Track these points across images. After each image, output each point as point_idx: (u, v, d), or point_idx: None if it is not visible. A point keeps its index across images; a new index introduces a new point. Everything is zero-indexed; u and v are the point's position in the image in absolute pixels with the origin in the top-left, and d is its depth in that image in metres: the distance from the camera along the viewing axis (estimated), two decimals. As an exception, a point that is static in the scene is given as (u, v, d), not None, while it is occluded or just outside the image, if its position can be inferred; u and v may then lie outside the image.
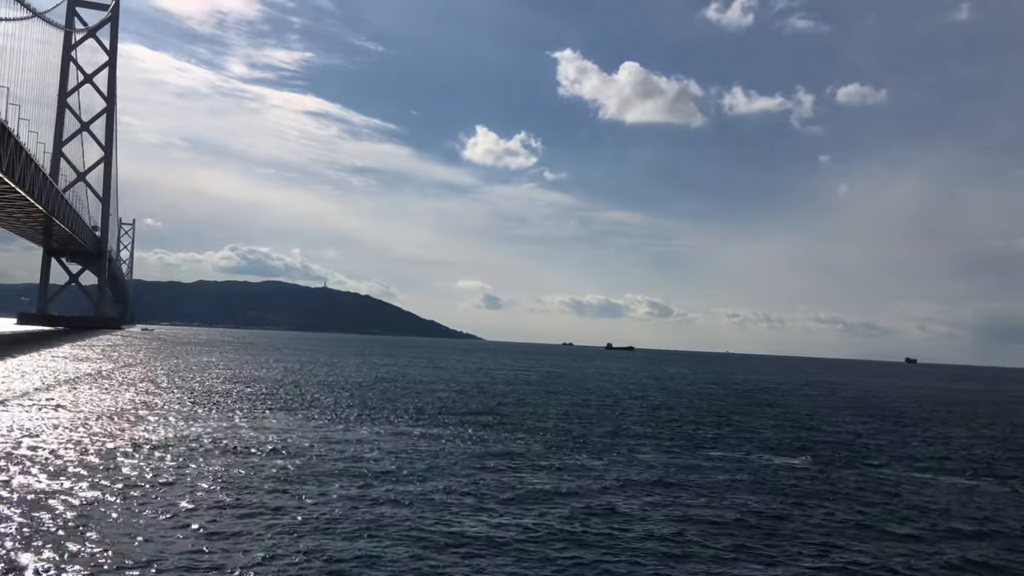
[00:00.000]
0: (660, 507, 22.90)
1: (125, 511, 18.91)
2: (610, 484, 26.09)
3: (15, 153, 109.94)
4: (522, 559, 16.88)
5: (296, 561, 15.71)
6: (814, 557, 18.48)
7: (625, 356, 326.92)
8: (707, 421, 50.32)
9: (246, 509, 19.75)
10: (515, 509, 21.49)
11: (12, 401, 40.88)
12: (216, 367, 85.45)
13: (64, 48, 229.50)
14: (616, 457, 32.24)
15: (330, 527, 18.37)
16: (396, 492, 22.72)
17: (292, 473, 24.85)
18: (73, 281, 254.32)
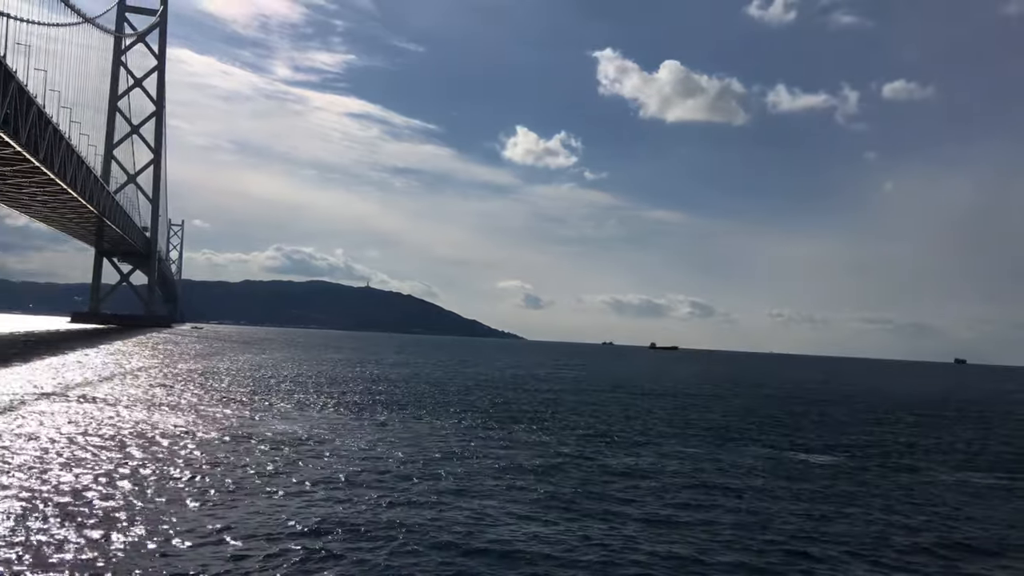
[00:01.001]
0: (693, 505, 22.85)
1: (157, 502, 19.44)
2: (644, 482, 26.07)
3: (67, 156, 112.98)
4: (551, 556, 17.02)
5: (324, 558, 16.01)
6: (850, 557, 18.33)
7: (669, 356, 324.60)
8: (745, 420, 49.85)
9: (278, 500, 20.17)
10: (546, 506, 21.63)
11: (66, 394, 42.11)
12: (263, 364, 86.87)
13: (114, 53, 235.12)
14: (655, 455, 32.16)
15: (367, 527, 18.68)
16: (431, 489, 23.02)
17: (323, 467, 25.26)
18: (124, 281, 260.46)
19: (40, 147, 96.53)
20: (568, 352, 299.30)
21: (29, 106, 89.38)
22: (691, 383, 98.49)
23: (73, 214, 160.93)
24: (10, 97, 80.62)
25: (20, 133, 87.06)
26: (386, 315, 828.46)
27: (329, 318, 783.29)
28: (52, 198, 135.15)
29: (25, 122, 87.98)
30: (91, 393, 44.40)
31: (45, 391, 43.90)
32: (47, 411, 35.06)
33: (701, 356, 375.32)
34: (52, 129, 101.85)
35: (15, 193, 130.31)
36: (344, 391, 55.90)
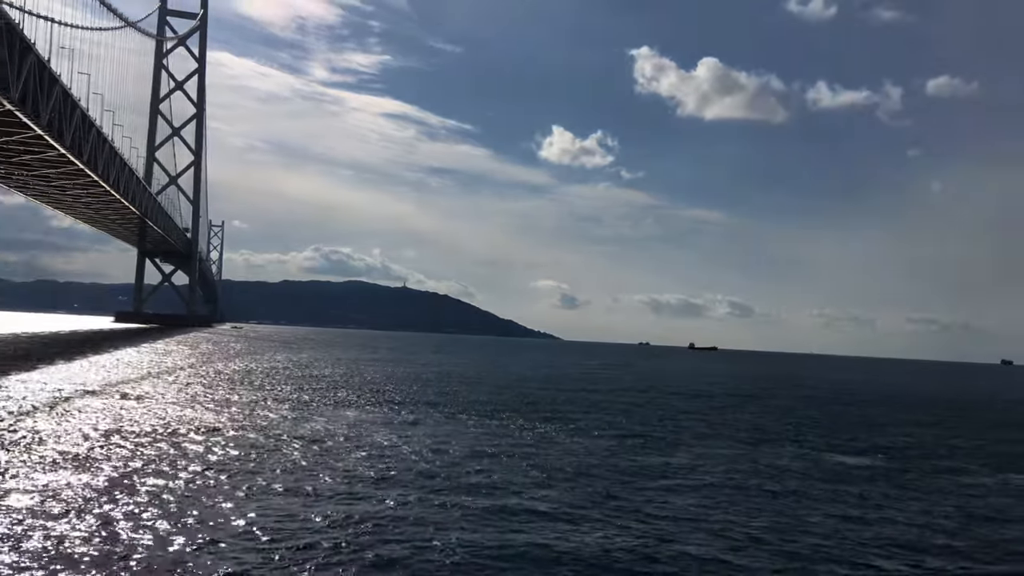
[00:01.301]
0: (728, 507, 22.53)
1: (190, 498, 19.63)
2: (678, 483, 25.79)
3: (110, 158, 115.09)
4: (582, 557, 16.86)
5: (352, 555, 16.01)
6: (887, 560, 17.91)
7: (708, 356, 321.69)
8: (784, 420, 49.14)
9: (307, 498, 20.27)
10: (578, 506, 21.48)
11: (108, 392, 42.89)
12: (300, 363, 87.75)
13: (156, 56, 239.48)
14: (690, 455, 31.80)
15: (397, 526, 18.67)
16: (463, 488, 23.00)
17: (356, 465, 25.35)
18: (166, 281, 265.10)
19: (84, 149, 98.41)
20: (603, 352, 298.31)
21: (73, 109, 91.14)
22: (729, 383, 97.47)
23: (116, 215, 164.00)
24: (54, 100, 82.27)
25: (64, 136, 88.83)
26: (422, 315, 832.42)
27: (366, 318, 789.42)
28: (96, 199, 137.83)
29: (69, 125, 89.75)
30: (132, 391, 45.15)
31: (87, 389, 44.73)
32: (88, 408, 35.70)
33: (740, 357, 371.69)
34: (95, 132, 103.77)
35: (60, 195, 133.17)
36: (380, 390, 56.19)
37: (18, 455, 23.15)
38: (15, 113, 73.83)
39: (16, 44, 69.27)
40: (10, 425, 28.81)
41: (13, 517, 16.55)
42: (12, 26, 68.71)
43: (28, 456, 23.11)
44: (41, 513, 17.00)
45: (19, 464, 21.91)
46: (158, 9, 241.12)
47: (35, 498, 18.24)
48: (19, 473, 20.76)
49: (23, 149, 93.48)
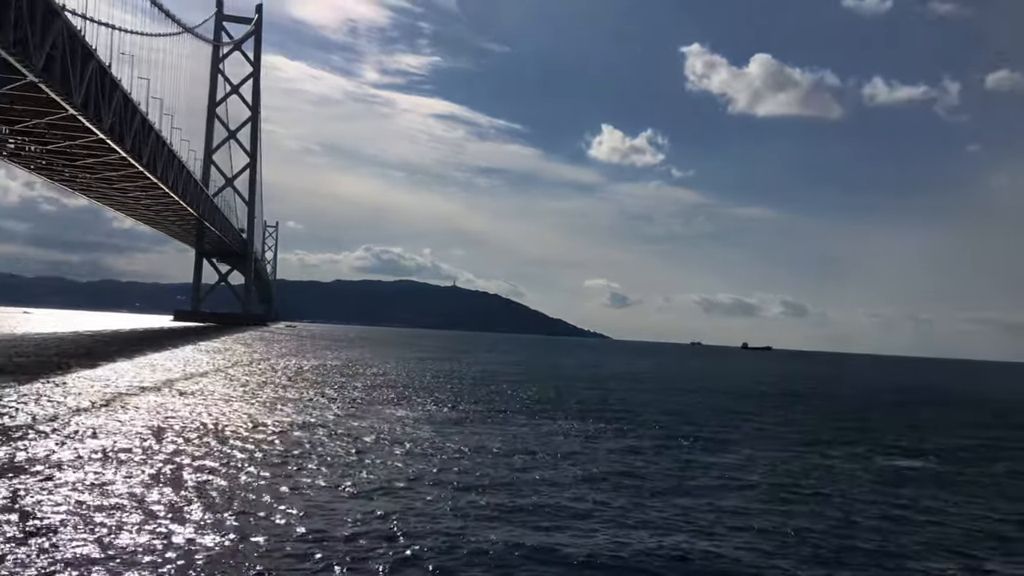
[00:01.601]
0: (776, 510, 22.21)
1: (237, 494, 20.03)
2: (727, 484, 25.54)
3: (168, 161, 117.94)
4: (626, 561, 16.81)
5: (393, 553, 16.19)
6: (937, 567, 17.51)
7: (761, 356, 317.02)
8: (837, 421, 48.20)
9: (349, 497, 20.53)
10: (623, 508, 21.41)
11: (165, 388, 44.05)
12: (352, 361, 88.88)
13: (212, 61, 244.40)
14: (740, 456, 31.44)
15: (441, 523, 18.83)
16: (511, 487, 23.08)
17: (404, 462, 25.60)
18: (223, 280, 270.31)
19: (143, 152, 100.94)
20: (654, 352, 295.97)
21: (133, 113, 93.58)
22: (782, 383, 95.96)
23: (175, 216, 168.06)
24: (116, 105, 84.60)
25: (125, 139, 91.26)
26: (472, 314, 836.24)
27: (417, 317, 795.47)
28: (155, 201, 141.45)
29: (130, 129, 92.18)
30: (188, 388, 46.28)
31: (145, 385, 45.97)
32: (144, 404, 36.70)
33: (794, 357, 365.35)
34: (154, 135, 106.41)
35: (121, 197, 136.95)
36: (427, 388, 56.62)
37: (73, 449, 23.91)
38: (78, 118, 76.08)
39: (78, 51, 71.35)
40: (68, 420, 29.78)
41: (63, 511, 17.10)
42: (75, 33, 70.81)
43: (83, 450, 23.85)
44: (90, 507, 17.54)
45: (73, 458, 22.63)
46: (215, 15, 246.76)
47: (85, 492, 18.82)
48: (73, 467, 21.44)
49: (86, 153, 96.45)
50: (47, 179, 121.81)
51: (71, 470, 20.79)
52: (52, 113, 76.03)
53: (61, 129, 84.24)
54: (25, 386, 40.37)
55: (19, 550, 14.15)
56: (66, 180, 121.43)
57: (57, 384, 42.58)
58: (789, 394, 75.21)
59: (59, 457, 22.37)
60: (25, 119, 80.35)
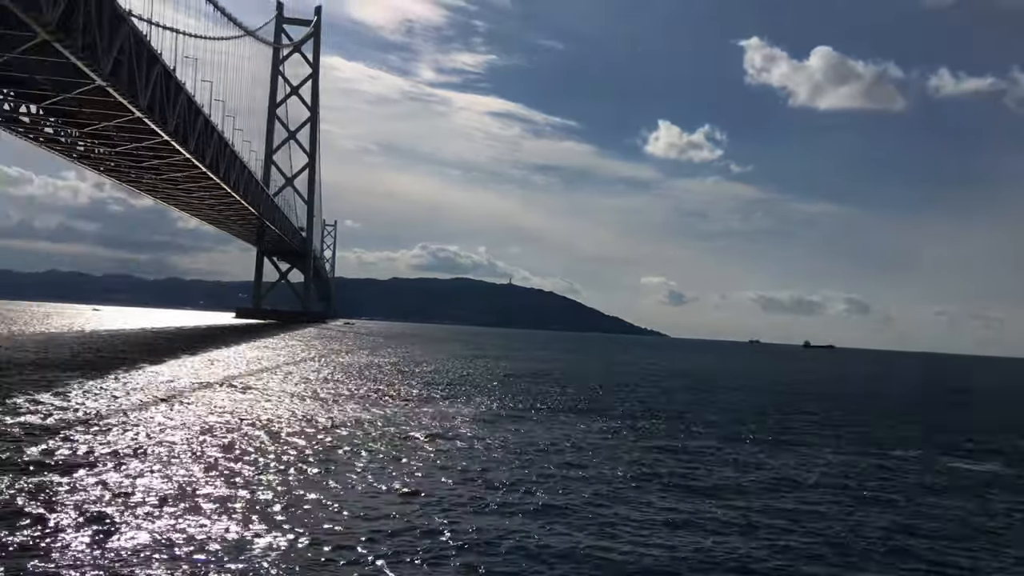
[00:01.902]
0: (836, 514, 21.60)
1: (287, 490, 20.23)
2: (785, 486, 24.95)
3: (231, 161, 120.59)
4: (678, 555, 16.53)
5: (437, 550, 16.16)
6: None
7: (824, 355, 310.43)
8: (901, 422, 46.80)
9: (394, 498, 20.59)
10: (678, 510, 21.07)
11: (225, 383, 45.01)
12: (409, 358, 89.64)
13: (273, 63, 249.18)
14: (799, 457, 30.73)
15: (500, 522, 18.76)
16: (561, 489, 22.91)
17: (457, 460, 25.62)
18: (283, 278, 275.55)
19: (206, 153, 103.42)
20: (711, 349, 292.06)
21: (196, 115, 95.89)
22: (845, 383, 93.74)
23: (237, 216, 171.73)
24: (179, 108, 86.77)
25: (189, 141, 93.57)
26: (528, 312, 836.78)
27: (472, 314, 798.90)
28: (218, 201, 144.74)
29: (193, 130, 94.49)
30: (246, 383, 47.18)
31: (205, 381, 47.02)
32: (203, 400, 37.53)
33: (858, 356, 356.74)
34: (217, 136, 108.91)
35: (185, 197, 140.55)
36: (483, 385, 56.72)
37: (131, 443, 24.49)
38: (144, 120, 78.21)
39: (144, 55, 73.31)
40: (128, 414, 30.56)
41: (117, 505, 17.49)
42: (140, 38, 72.77)
43: (141, 444, 24.42)
44: (141, 501, 17.91)
45: (130, 452, 23.19)
46: (275, 18, 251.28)
47: (138, 485, 19.25)
48: (129, 460, 21.97)
49: (152, 154, 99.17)
50: (115, 180, 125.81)
51: (128, 463, 21.28)
52: (119, 116, 78.30)
53: (128, 131, 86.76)
54: (91, 381, 41.63)
55: (72, 543, 14.50)
56: (133, 181, 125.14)
57: (120, 380, 43.81)
58: (852, 394, 73.39)
59: (116, 450, 22.93)
60: (94, 122, 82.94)
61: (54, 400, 32.73)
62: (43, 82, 71.52)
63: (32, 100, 78.47)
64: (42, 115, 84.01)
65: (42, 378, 41.32)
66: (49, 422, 27.06)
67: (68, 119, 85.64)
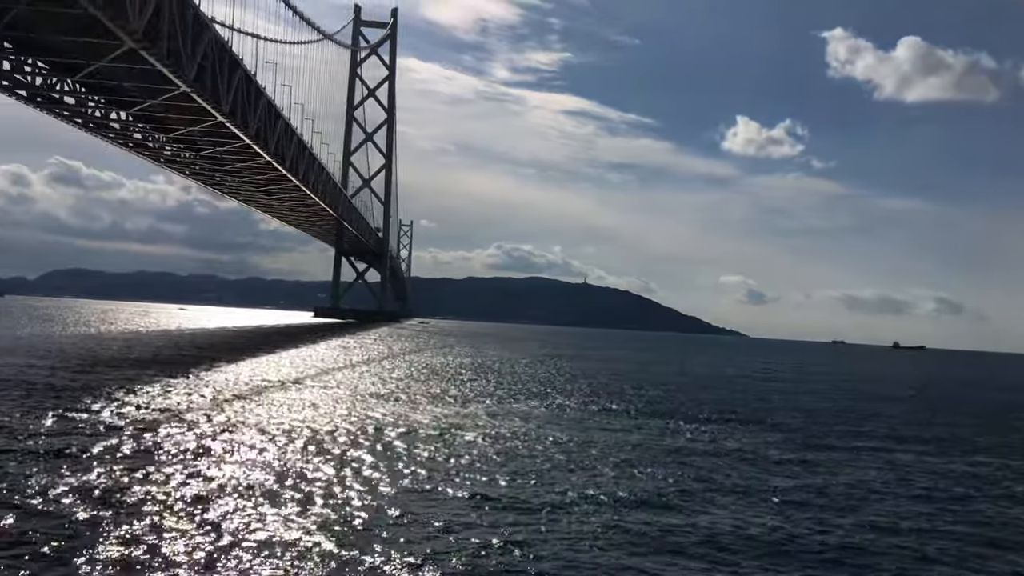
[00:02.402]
0: (919, 528, 20.20)
1: (353, 490, 19.97)
2: (867, 493, 23.57)
3: (310, 164, 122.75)
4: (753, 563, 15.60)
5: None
6: None
7: (914, 357, 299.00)
8: (992, 427, 44.21)
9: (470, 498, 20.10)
10: (746, 508, 20.04)
11: (299, 382, 45.54)
12: (482, 357, 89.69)
13: (351, 66, 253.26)
14: (884, 464, 29.14)
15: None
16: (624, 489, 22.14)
17: (531, 461, 25.05)
18: (360, 278, 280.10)
19: (286, 156, 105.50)
20: (792, 350, 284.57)
21: (276, 119, 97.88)
22: (935, 386, 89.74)
23: (315, 217, 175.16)
24: (260, 112, 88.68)
25: (269, 144, 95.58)
26: (603, 311, 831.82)
27: (547, 314, 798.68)
28: (297, 203, 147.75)
29: (273, 134, 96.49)
30: (322, 382, 47.64)
31: (282, 379, 47.66)
32: (279, 399, 37.95)
33: (950, 357, 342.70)
34: (296, 139, 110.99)
35: (266, 199, 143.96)
36: (558, 385, 56.08)
37: (206, 440, 24.74)
38: (226, 124, 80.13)
39: (226, 61, 75.11)
40: (208, 411, 31.01)
41: (186, 500, 17.53)
42: (223, 44, 74.57)
43: (214, 442, 24.63)
44: (207, 498, 17.91)
45: (202, 450, 23.40)
46: (352, 21, 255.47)
47: (206, 482, 19.30)
48: (202, 458, 22.15)
49: (234, 158, 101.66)
50: (200, 183, 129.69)
51: (201, 460, 21.47)
52: (203, 121, 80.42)
53: (211, 136, 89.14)
54: (174, 379, 42.63)
55: (136, 539, 14.51)
56: (217, 184, 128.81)
57: (201, 377, 44.78)
58: (944, 398, 70.07)
59: (190, 447, 23.21)
60: (179, 127, 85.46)
61: (134, 397, 33.60)
62: (131, 89, 73.93)
63: (121, 107, 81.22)
64: (130, 121, 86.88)
65: (122, 375, 42.57)
66: (139, 415, 27.98)
67: (155, 124, 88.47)
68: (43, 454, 21.21)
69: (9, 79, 70.24)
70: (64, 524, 15.26)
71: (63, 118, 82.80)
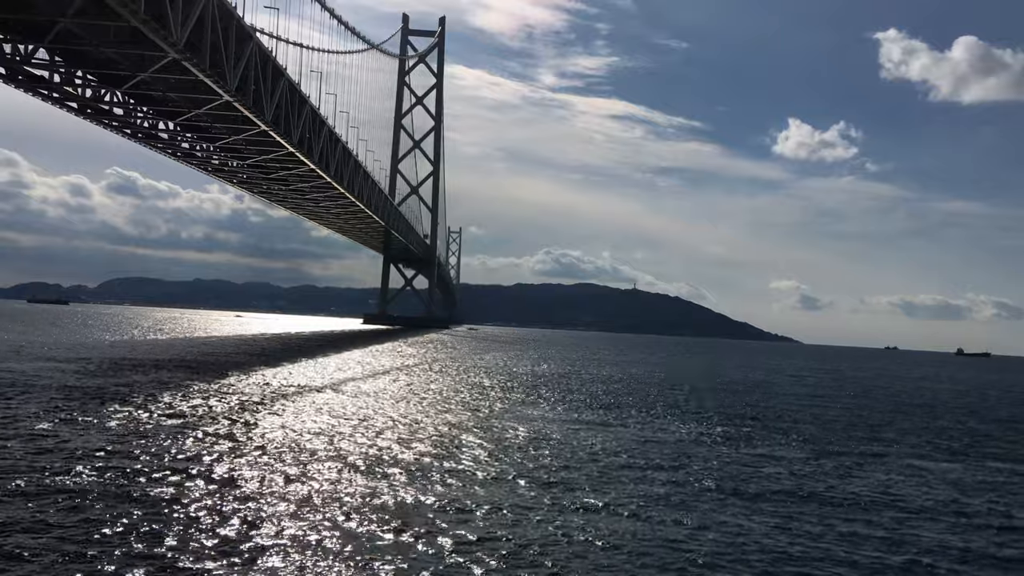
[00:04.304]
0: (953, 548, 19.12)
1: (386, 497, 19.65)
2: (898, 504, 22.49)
3: (354, 171, 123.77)
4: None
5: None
6: None
7: (979, 364, 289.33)
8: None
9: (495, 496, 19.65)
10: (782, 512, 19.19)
11: (344, 385, 45.67)
12: (533, 365, 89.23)
13: (399, 74, 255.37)
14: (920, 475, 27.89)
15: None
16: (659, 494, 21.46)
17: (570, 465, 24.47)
18: (408, 285, 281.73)
19: (331, 164, 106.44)
20: (845, 357, 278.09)
21: (321, 127, 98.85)
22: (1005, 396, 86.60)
23: (362, 224, 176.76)
24: (304, 120, 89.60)
25: (313, 152, 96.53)
26: (653, 317, 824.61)
27: (596, 320, 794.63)
28: (343, 210, 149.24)
29: (317, 142, 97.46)
30: (366, 386, 47.74)
31: (328, 383, 47.85)
32: (324, 401, 38.05)
33: (1017, 364, 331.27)
34: (341, 147, 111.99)
35: (313, 207, 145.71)
36: (613, 391, 55.33)
37: (250, 438, 24.73)
38: (269, 133, 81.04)
39: (269, 70, 76.01)
40: (256, 410, 31.15)
41: (213, 497, 17.42)
42: (266, 54, 75.52)
43: (256, 440, 24.61)
44: (231, 497, 17.79)
45: (243, 448, 23.34)
46: (400, 30, 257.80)
47: (238, 482, 19.16)
48: (246, 455, 22.12)
49: (279, 166, 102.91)
50: (248, 192, 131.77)
51: (246, 457, 21.48)
52: (247, 129, 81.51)
53: (256, 144, 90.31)
54: (244, 376, 43.07)
55: (164, 536, 14.46)
56: (264, 192, 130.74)
57: (254, 379, 45.22)
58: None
59: (239, 445, 23.29)
60: (224, 136, 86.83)
61: (198, 398, 34.02)
62: (176, 99, 75.27)
63: (168, 117, 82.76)
64: (178, 131, 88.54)
65: (170, 377, 43.17)
66: (204, 410, 29.02)
67: (202, 134, 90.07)
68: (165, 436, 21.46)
69: (59, 91, 72.04)
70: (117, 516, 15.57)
71: (113, 128, 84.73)
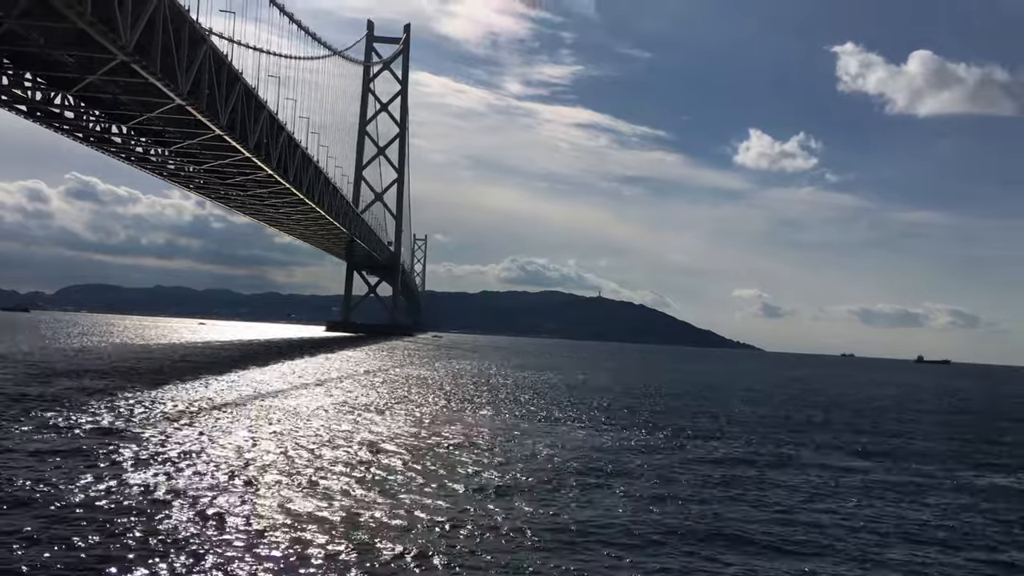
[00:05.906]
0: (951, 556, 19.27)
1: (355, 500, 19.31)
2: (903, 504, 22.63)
3: (314, 177, 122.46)
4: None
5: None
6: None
7: (939, 371, 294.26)
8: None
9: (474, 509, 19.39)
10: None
11: (304, 391, 45.02)
12: (489, 371, 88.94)
13: (363, 81, 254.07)
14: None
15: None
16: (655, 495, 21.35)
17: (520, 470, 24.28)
18: (372, 292, 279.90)
19: (290, 169, 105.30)
20: (804, 364, 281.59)
21: (279, 133, 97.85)
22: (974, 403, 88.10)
23: (324, 231, 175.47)
24: (261, 125, 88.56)
25: (271, 158, 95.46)
26: (618, 325, 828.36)
27: (561, 328, 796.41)
28: (304, 216, 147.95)
29: (275, 147, 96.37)
30: (321, 393, 47.07)
31: (281, 389, 47.13)
32: (279, 408, 37.34)
33: (976, 371, 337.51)
34: (300, 153, 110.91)
35: (274, 213, 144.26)
36: (576, 401, 55.25)
37: (207, 447, 24.19)
38: (224, 138, 80.00)
39: (224, 74, 75.05)
40: (170, 421, 30.50)
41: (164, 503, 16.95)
42: (220, 58, 74.61)
43: (219, 448, 24.10)
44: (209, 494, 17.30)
45: (203, 454, 22.82)
46: (365, 37, 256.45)
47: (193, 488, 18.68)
48: (197, 463, 21.57)
49: (236, 171, 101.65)
50: (206, 197, 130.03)
51: (184, 465, 20.93)
52: (201, 134, 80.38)
53: (212, 149, 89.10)
54: (188, 382, 42.25)
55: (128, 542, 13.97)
56: (222, 198, 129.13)
57: (189, 388, 44.36)
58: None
59: (192, 449, 22.78)
60: (178, 140, 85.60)
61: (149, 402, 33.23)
62: (128, 102, 73.98)
63: (120, 120, 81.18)
64: (131, 135, 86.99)
65: (126, 383, 42.25)
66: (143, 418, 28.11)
67: (155, 138, 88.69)
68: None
69: (7, 93, 70.46)
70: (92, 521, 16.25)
71: (64, 132, 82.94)
